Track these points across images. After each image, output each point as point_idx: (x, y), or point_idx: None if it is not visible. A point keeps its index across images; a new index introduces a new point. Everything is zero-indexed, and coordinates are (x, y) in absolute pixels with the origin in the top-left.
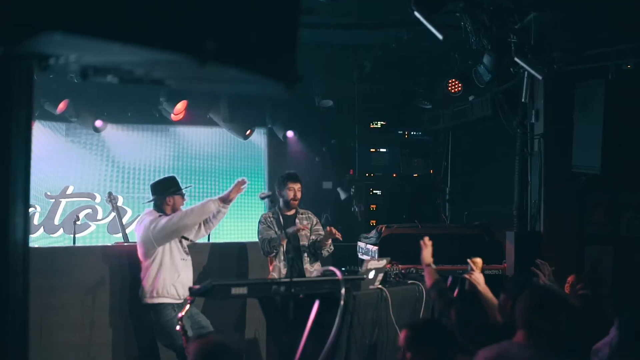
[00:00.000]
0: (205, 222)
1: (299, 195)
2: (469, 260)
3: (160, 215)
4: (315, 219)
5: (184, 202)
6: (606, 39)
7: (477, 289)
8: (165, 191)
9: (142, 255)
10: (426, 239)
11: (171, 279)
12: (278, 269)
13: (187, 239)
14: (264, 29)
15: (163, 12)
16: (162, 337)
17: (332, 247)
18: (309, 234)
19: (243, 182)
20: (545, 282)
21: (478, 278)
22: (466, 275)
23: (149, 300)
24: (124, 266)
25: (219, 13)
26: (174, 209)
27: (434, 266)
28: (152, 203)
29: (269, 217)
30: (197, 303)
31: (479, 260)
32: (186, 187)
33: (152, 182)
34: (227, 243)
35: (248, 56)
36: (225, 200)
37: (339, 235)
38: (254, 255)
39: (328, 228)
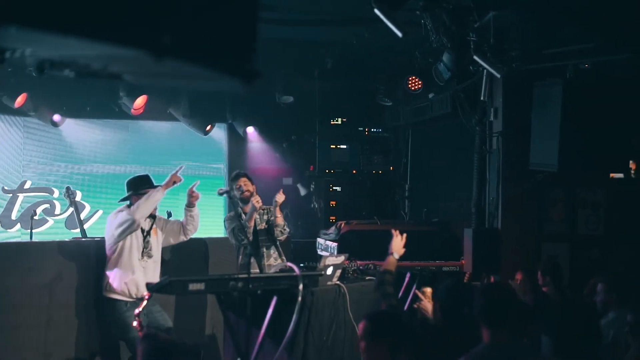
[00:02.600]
0: (185, 229)
1: (249, 187)
2: (416, 292)
3: (121, 211)
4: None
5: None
6: (564, 38)
7: (428, 316)
8: (140, 187)
9: (106, 248)
10: (394, 231)
11: (125, 277)
12: (241, 266)
13: (147, 238)
14: (222, 24)
15: (118, 7)
16: (116, 330)
17: (286, 228)
18: (265, 225)
19: (180, 169)
20: None
21: (427, 306)
22: (416, 305)
23: (104, 294)
24: (82, 261)
25: (176, 7)
26: None
27: (393, 256)
28: (124, 202)
29: (232, 216)
30: (156, 299)
31: (428, 290)
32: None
33: (127, 179)
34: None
35: (206, 52)
36: (168, 185)
37: (280, 196)
38: (214, 251)
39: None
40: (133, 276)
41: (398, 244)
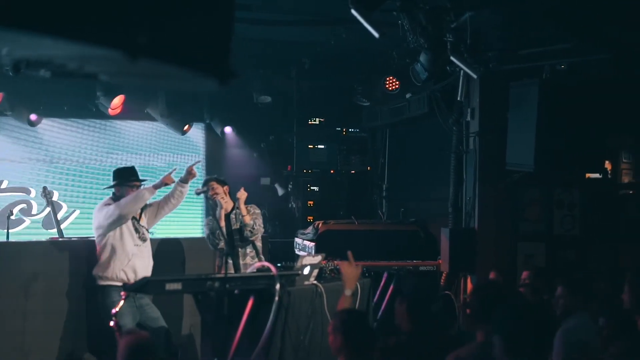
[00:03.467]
0: (166, 203)
1: (216, 190)
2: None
3: (108, 204)
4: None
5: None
6: (541, 39)
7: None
8: (126, 179)
9: (96, 239)
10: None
11: (121, 264)
12: (218, 267)
13: (138, 224)
14: (198, 24)
15: (94, 6)
16: (106, 319)
17: (255, 227)
18: (239, 225)
19: (175, 170)
20: None
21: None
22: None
23: (98, 282)
24: (58, 262)
25: (151, 7)
26: None
27: (345, 294)
28: (109, 190)
29: (210, 221)
30: None
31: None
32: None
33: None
34: (165, 239)
35: (181, 51)
36: (159, 186)
37: (242, 193)
38: (190, 251)
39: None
40: (130, 262)
41: (349, 275)
